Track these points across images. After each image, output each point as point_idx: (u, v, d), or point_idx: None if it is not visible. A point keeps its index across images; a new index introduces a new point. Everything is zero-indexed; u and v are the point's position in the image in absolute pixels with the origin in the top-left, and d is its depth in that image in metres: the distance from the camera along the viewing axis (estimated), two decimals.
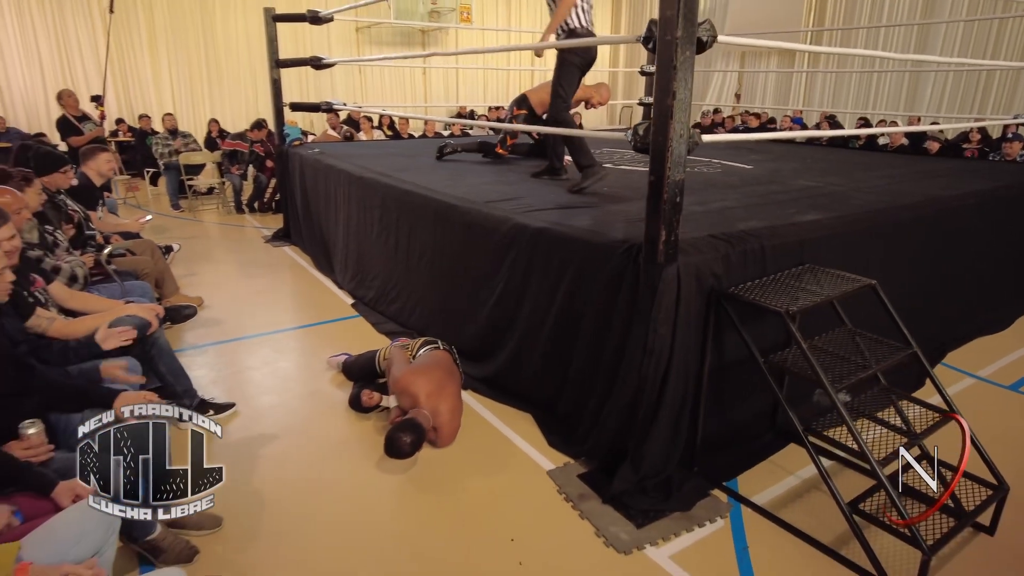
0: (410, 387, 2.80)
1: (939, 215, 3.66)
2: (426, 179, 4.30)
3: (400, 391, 2.84)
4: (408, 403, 2.81)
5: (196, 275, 5.23)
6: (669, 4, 1.97)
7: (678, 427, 2.48)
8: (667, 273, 2.24)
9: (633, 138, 2.46)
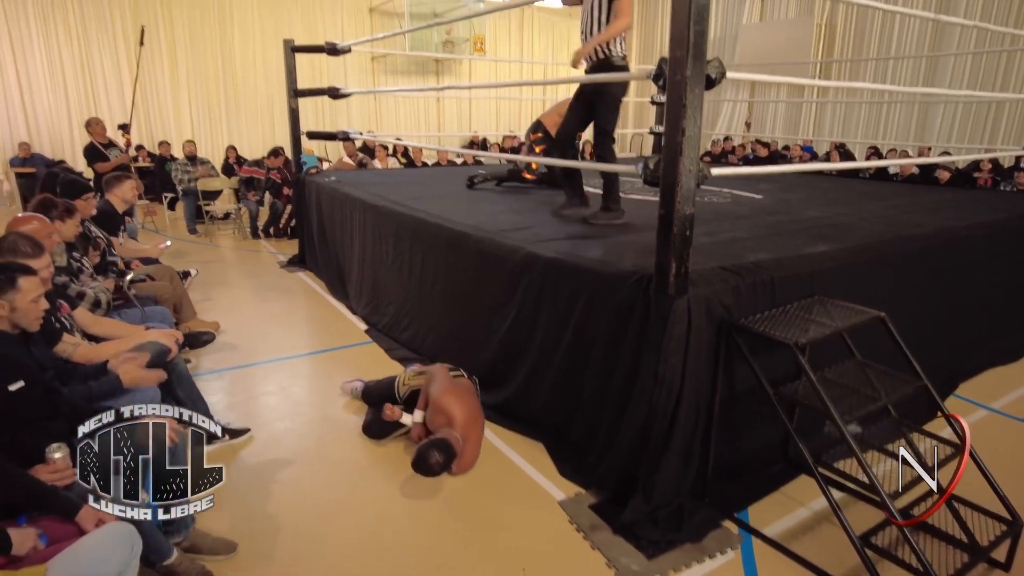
0: (449, 407, 2.83)
1: (948, 246, 3.68)
2: (439, 208, 4.38)
3: (438, 408, 2.86)
4: (439, 422, 2.83)
5: (213, 300, 5.31)
6: (679, 44, 2.04)
7: (689, 457, 2.50)
8: (678, 305, 2.28)
9: (644, 171, 2.52)
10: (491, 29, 13.08)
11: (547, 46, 13.99)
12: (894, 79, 10.72)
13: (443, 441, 2.69)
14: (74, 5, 9.88)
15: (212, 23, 10.92)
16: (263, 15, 11.28)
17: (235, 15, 11.07)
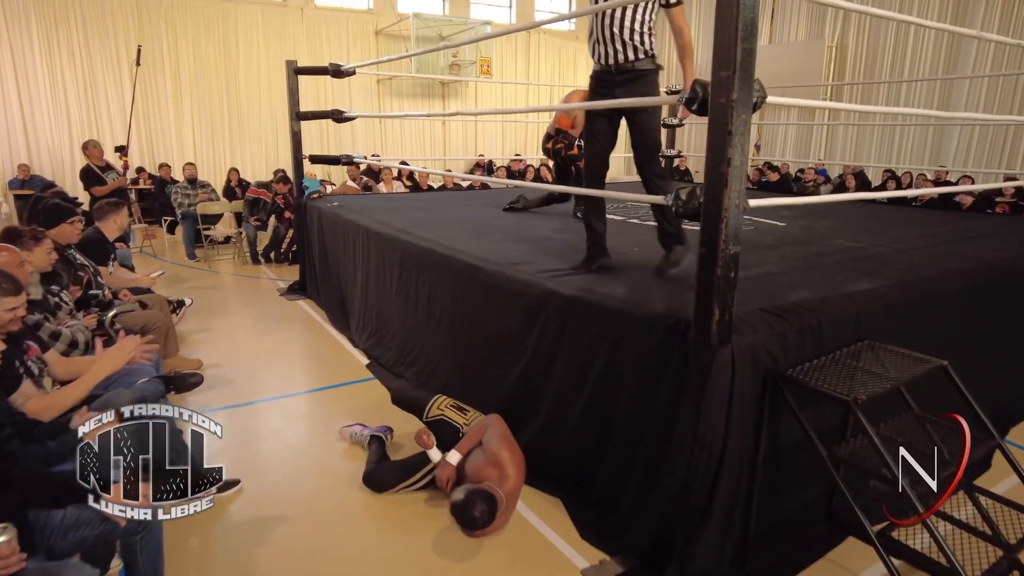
0: (507, 465, 2.56)
1: (996, 280, 3.42)
2: (447, 235, 4.14)
3: (494, 461, 2.57)
4: (490, 475, 2.53)
5: (208, 331, 5.06)
6: (725, 64, 1.80)
7: (730, 524, 2.22)
8: (721, 356, 2.02)
9: (675, 203, 2.28)
10: (497, 52, 12.98)
11: (553, 69, 13.88)
12: (908, 101, 10.53)
13: (491, 496, 2.40)
14: (78, 25, 9.78)
15: (216, 44, 10.82)
16: (268, 37, 11.18)
17: (240, 36, 10.97)
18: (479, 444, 2.73)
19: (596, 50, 3.02)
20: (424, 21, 11.78)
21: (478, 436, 2.77)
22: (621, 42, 2.91)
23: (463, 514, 2.36)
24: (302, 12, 11.38)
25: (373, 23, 12.09)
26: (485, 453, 2.64)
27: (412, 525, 2.64)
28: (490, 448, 2.63)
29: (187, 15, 10.49)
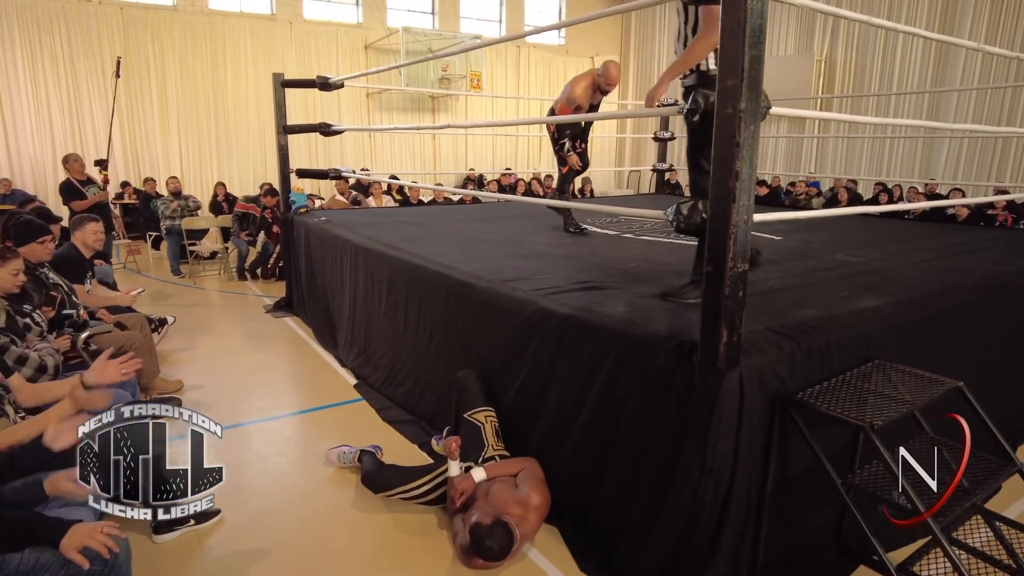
0: (532, 513, 2.43)
1: (1003, 294, 3.34)
2: (437, 251, 4.02)
3: (521, 500, 2.44)
4: (512, 511, 2.40)
5: (191, 350, 4.90)
6: (732, 72, 1.71)
7: (738, 556, 2.09)
8: (729, 380, 1.90)
9: (676, 218, 2.18)
10: (487, 66, 12.95)
11: (543, 83, 13.86)
12: (897, 114, 10.55)
13: (512, 534, 2.29)
14: (62, 37, 9.63)
15: (203, 57, 10.70)
16: (256, 50, 11.08)
17: (227, 50, 10.86)
18: (511, 477, 2.62)
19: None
20: (414, 35, 11.74)
21: (513, 468, 2.66)
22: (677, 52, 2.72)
23: (482, 540, 2.24)
24: (291, 26, 11.30)
25: (362, 37, 12.03)
26: (517, 489, 2.51)
27: (404, 561, 2.50)
28: (525, 488, 2.50)
29: (174, 27, 10.37)
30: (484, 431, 2.83)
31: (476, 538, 2.26)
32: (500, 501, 2.45)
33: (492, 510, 2.39)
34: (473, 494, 2.57)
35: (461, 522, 2.51)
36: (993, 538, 2.14)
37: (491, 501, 2.47)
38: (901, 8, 10.43)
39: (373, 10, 12.02)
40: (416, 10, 12.63)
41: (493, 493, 2.52)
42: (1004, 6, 9.28)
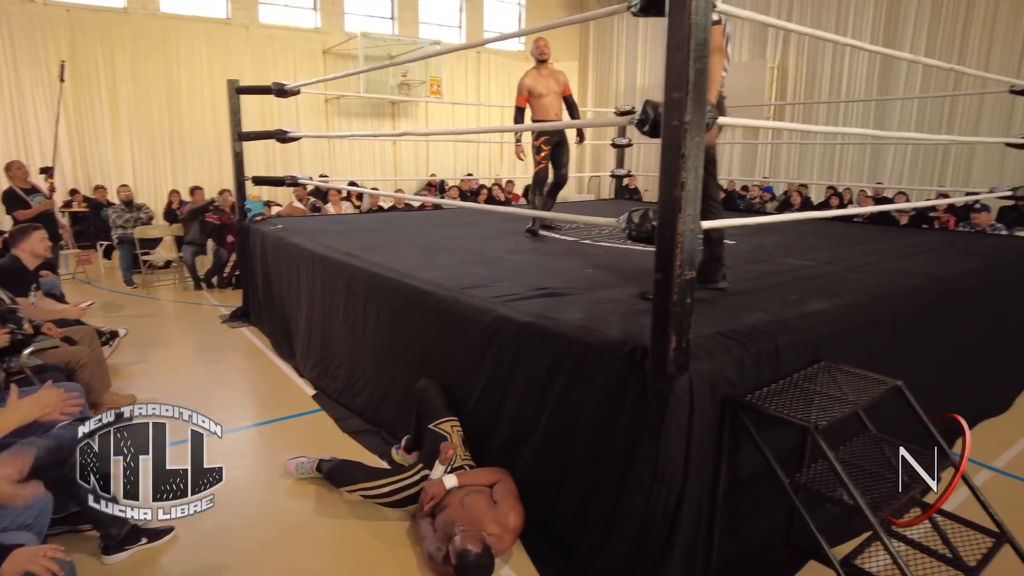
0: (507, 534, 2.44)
1: (944, 296, 3.48)
2: (396, 259, 4.00)
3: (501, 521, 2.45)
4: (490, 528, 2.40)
5: (144, 362, 4.78)
6: (677, 85, 1.75)
7: (691, 558, 2.14)
8: (679, 385, 1.94)
9: (628, 226, 2.21)
10: (447, 72, 12.93)
11: (504, 89, 13.90)
12: (846, 121, 10.91)
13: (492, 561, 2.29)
14: (4, 40, 9.28)
15: (156, 62, 10.44)
16: (211, 56, 10.86)
17: (181, 55, 10.63)
18: (486, 487, 2.62)
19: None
20: (373, 41, 11.66)
21: (486, 479, 2.66)
22: None
23: (469, 566, 2.22)
24: (247, 30, 11.12)
25: (320, 42, 11.91)
26: (495, 507, 2.51)
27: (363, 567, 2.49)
28: (504, 507, 2.50)
29: (124, 31, 10.11)
30: (451, 440, 2.84)
31: (465, 564, 2.23)
32: (477, 515, 2.44)
33: (473, 528, 2.37)
34: (443, 500, 2.57)
35: (430, 527, 2.52)
36: (931, 530, 2.23)
37: (468, 513, 2.46)
38: (848, 19, 10.80)
39: (331, 15, 11.91)
40: (375, 15, 12.56)
41: (469, 505, 2.51)
42: (942, 19, 9.70)
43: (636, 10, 2.12)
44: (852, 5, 10.73)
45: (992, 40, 9.26)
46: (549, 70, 5.32)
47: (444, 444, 2.75)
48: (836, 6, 10.95)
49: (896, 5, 10.21)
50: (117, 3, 10.14)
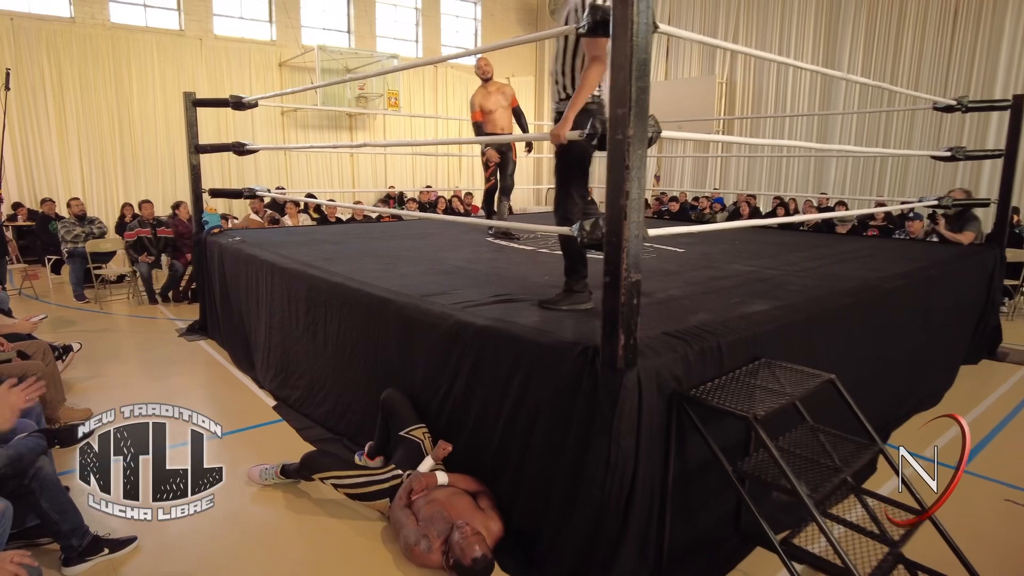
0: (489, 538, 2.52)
1: (875, 297, 3.72)
2: (356, 268, 4.07)
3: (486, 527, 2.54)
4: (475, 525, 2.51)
5: (99, 377, 4.71)
6: (621, 102, 1.90)
7: (645, 545, 2.27)
8: (628, 380, 2.08)
9: (580, 234, 2.35)
10: (405, 85, 13.03)
11: (462, 103, 14.04)
12: (791, 134, 11.41)
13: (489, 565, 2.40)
14: None
15: (106, 73, 10.26)
16: (164, 67, 10.73)
17: (132, 66, 10.46)
18: (468, 493, 2.71)
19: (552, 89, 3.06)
20: (329, 54, 11.69)
21: (470, 485, 2.76)
22: (555, 80, 2.96)
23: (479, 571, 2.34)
24: (201, 42, 11.03)
25: (276, 55, 11.87)
26: (483, 513, 2.61)
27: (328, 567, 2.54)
28: (492, 515, 2.61)
29: (71, 41, 9.91)
30: (424, 446, 2.93)
31: (476, 569, 2.34)
32: (467, 516, 2.54)
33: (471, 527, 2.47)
34: (432, 496, 2.65)
35: (410, 516, 2.59)
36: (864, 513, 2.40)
37: (459, 512, 2.55)
38: (790, 37, 11.32)
39: (287, 28, 11.89)
40: (331, 28, 12.59)
41: (457, 504, 2.60)
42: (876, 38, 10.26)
43: (584, 31, 2.27)
44: (794, 24, 11.26)
45: (921, 58, 9.84)
46: (496, 85, 5.64)
47: (441, 442, 2.86)
48: (779, 25, 11.47)
49: (834, 25, 10.76)
50: (63, 12, 9.96)
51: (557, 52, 2.93)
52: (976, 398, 4.46)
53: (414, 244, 5.43)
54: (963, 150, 5.26)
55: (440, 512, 2.55)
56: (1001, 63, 9.08)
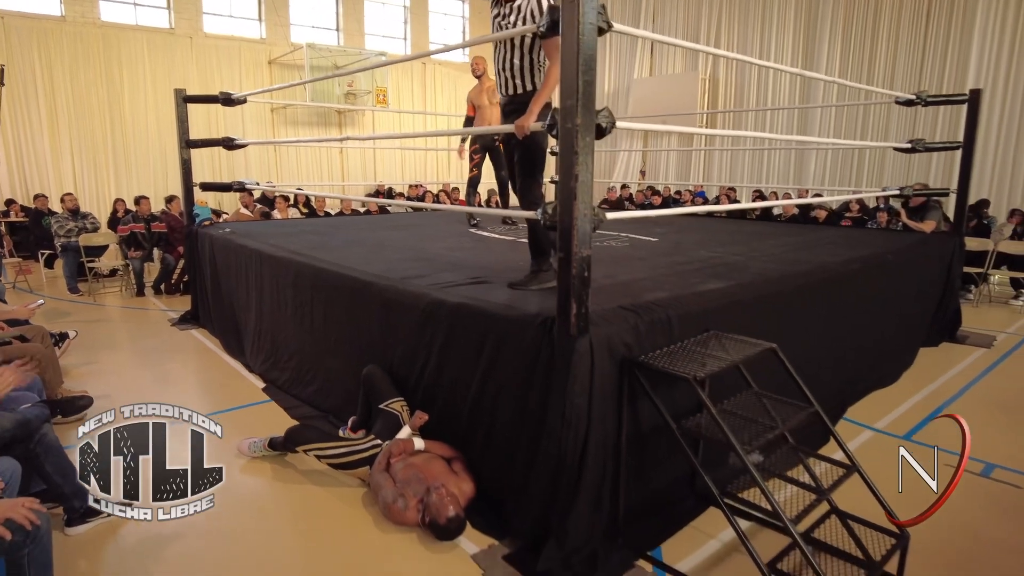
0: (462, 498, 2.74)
1: (829, 279, 3.95)
2: (341, 256, 4.27)
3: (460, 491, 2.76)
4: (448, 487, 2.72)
5: (94, 363, 4.90)
6: (569, 94, 2.11)
7: (600, 499, 2.49)
8: (580, 345, 2.30)
9: (543, 217, 2.56)
10: (393, 82, 13.21)
11: (450, 99, 14.25)
12: (773, 127, 11.66)
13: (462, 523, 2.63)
14: None
15: (97, 71, 10.41)
16: (155, 65, 10.88)
17: (124, 63, 10.61)
18: (443, 459, 2.93)
19: (498, 81, 3.27)
20: (318, 51, 11.85)
21: (445, 451, 2.97)
22: (510, 75, 3.16)
23: (449, 528, 2.56)
24: (191, 40, 11.18)
25: (266, 53, 12.03)
26: (457, 476, 2.83)
27: (314, 539, 2.74)
28: (465, 477, 2.83)
29: (62, 39, 10.05)
30: (402, 418, 3.15)
31: (451, 528, 2.57)
32: (442, 478, 2.76)
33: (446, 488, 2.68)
34: (411, 460, 2.87)
35: (388, 479, 2.81)
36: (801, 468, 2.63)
37: (434, 475, 2.77)
38: (771, 35, 11.56)
39: (276, 26, 12.05)
40: (320, 26, 12.75)
41: (432, 468, 2.83)
42: (853, 34, 10.52)
43: (543, 31, 2.49)
44: (774, 20, 11.51)
45: (896, 53, 10.10)
46: (489, 82, 5.78)
47: (418, 411, 3.07)
48: (760, 21, 11.72)
49: (813, 22, 11.02)
50: (54, 11, 10.09)
51: (508, 49, 3.09)
52: (932, 376, 4.71)
53: (398, 235, 5.63)
54: (923, 142, 5.49)
55: (416, 474, 2.76)
56: (972, 58, 9.36)
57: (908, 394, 4.34)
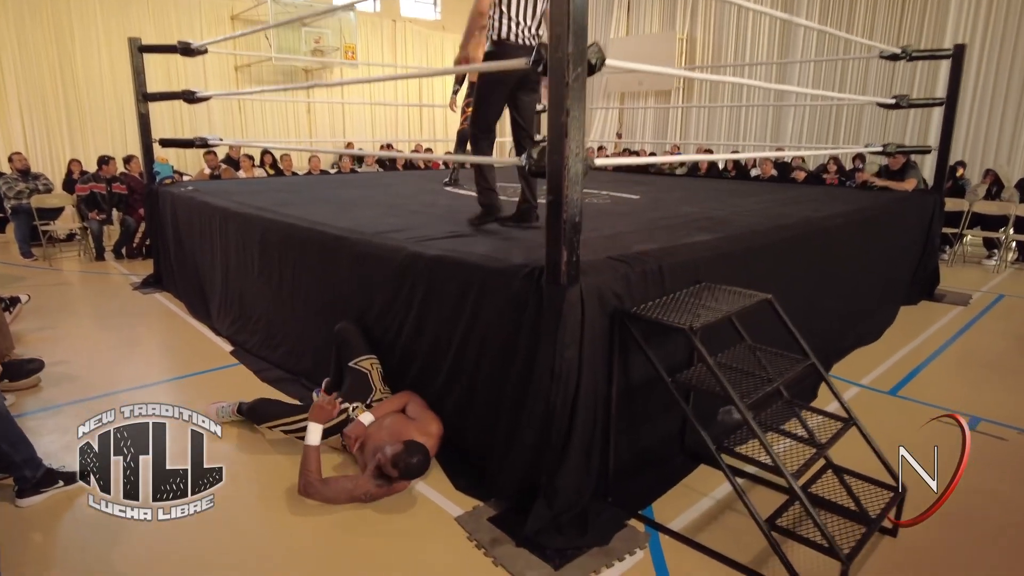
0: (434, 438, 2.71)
1: (814, 232, 3.86)
2: (310, 212, 4.06)
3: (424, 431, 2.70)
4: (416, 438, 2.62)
5: (50, 328, 4.64)
6: (559, 21, 1.93)
7: (590, 456, 2.37)
8: (571, 294, 2.15)
9: (528, 162, 2.39)
10: (362, 39, 12.70)
11: (420, 58, 13.78)
12: (750, 89, 11.51)
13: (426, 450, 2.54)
14: None
15: (46, 28, 9.76)
16: (108, 22, 10.24)
17: (74, 20, 9.97)
18: (399, 411, 2.82)
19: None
20: (283, 6, 11.29)
21: (397, 404, 2.85)
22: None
23: (407, 460, 2.43)
24: None
25: (228, 7, 11.44)
26: (415, 421, 2.73)
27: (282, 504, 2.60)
28: (424, 419, 2.74)
29: None
30: (371, 377, 2.99)
31: (402, 463, 2.43)
32: (403, 432, 2.64)
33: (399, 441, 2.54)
34: (367, 436, 2.71)
35: (362, 464, 2.67)
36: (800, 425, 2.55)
37: (393, 434, 2.63)
38: None
39: None
40: None
41: (390, 427, 2.69)
42: None
43: None
44: None
45: (876, 7, 9.99)
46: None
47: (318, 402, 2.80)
48: None
49: None
50: None
51: None
52: (912, 334, 4.69)
53: (371, 193, 5.41)
54: (907, 98, 5.40)
55: (378, 445, 2.61)
56: (951, 13, 9.27)
57: (891, 350, 4.31)
